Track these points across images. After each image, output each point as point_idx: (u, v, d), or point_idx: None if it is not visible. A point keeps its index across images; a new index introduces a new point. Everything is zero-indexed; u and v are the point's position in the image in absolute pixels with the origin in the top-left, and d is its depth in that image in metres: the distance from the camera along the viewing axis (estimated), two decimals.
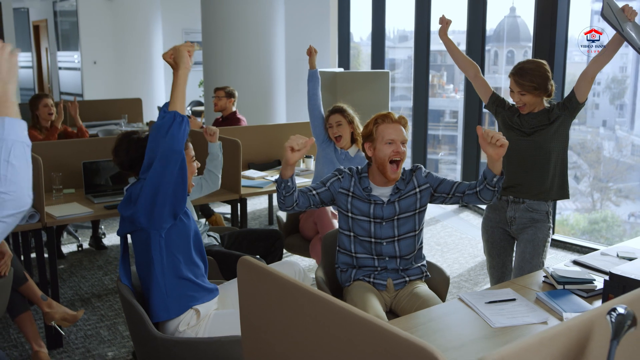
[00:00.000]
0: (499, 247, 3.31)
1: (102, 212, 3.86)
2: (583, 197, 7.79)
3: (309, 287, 1.57)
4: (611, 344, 1.25)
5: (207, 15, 7.35)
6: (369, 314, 1.41)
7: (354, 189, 2.78)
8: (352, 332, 1.43)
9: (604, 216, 7.32)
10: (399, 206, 2.77)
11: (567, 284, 2.45)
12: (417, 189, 2.79)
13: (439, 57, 9.85)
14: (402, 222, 2.77)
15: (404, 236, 2.78)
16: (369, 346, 1.40)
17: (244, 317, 1.84)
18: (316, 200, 2.77)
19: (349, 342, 1.44)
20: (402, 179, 2.79)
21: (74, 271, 4.87)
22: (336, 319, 1.47)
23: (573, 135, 8.39)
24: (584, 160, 7.93)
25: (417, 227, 2.81)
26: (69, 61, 12.80)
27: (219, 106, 5.73)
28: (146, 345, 2.39)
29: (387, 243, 2.77)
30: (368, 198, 2.76)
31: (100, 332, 3.82)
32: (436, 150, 9.86)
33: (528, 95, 3.07)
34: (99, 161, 4.30)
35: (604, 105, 7.73)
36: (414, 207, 2.78)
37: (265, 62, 7.30)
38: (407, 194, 2.78)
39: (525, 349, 1.30)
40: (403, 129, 2.79)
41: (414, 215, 2.79)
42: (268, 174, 4.92)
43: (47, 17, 13.67)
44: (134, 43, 11.33)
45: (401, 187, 2.78)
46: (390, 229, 2.77)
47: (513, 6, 8.63)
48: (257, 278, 1.75)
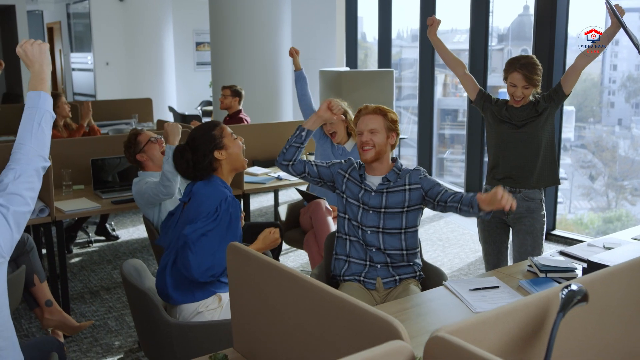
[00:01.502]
0: (495, 234, 3.43)
1: (109, 206, 4.01)
2: (598, 196, 7.78)
3: (289, 269, 1.69)
4: (557, 316, 1.35)
5: (215, 16, 7.49)
6: (343, 293, 1.52)
7: (351, 171, 2.89)
8: (326, 308, 1.54)
9: (618, 215, 7.32)
10: (386, 199, 2.81)
11: (549, 272, 2.55)
12: (407, 186, 2.81)
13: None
14: (388, 217, 2.80)
15: (389, 231, 2.80)
16: (342, 321, 1.51)
17: (233, 299, 1.96)
18: (312, 171, 2.89)
19: (323, 317, 1.55)
20: (395, 173, 2.85)
21: (84, 265, 5.02)
22: (312, 297, 1.59)
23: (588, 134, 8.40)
24: (599, 159, 7.91)
25: (403, 226, 2.80)
26: (82, 62, 13.01)
27: (225, 104, 5.86)
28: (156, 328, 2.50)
29: (371, 232, 2.80)
30: (360, 183, 2.85)
31: (107, 322, 3.96)
32: (450, 149, 9.91)
33: (530, 89, 3.20)
34: (107, 158, 4.44)
35: (620, 104, 7.73)
36: (402, 204, 2.80)
37: (272, 61, 7.42)
38: (395, 188, 2.82)
39: (483, 322, 1.40)
40: (376, 118, 2.82)
41: (401, 213, 2.80)
42: (271, 171, 5.03)
43: (61, 19, 13.90)
44: (146, 44, 11.51)
45: (391, 179, 2.83)
46: (376, 219, 2.80)
47: (527, 4, 8.68)
48: (244, 262, 1.87)
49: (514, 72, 3.18)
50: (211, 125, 2.78)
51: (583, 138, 8.30)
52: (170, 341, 2.40)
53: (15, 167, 1.87)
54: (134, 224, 6.06)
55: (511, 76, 3.19)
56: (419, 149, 8.04)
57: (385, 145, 2.83)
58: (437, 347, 1.25)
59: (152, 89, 10.92)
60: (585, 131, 8.35)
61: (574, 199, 8.32)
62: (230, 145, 2.75)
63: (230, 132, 2.81)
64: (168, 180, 3.26)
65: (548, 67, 5.23)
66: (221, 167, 2.72)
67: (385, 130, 2.82)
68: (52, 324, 3.36)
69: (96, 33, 11.94)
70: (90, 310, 4.14)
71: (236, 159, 2.76)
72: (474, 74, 6.58)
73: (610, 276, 1.68)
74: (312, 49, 9.04)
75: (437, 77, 10.57)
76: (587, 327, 1.64)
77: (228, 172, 2.77)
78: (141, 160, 3.81)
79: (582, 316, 1.62)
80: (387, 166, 2.88)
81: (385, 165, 2.87)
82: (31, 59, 1.99)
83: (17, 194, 1.84)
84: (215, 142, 2.71)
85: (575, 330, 1.61)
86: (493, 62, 7.30)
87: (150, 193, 3.37)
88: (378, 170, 2.87)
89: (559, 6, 5.25)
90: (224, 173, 2.74)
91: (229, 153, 2.73)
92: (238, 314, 1.95)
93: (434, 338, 1.26)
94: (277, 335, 1.75)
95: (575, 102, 8.51)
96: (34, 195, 1.90)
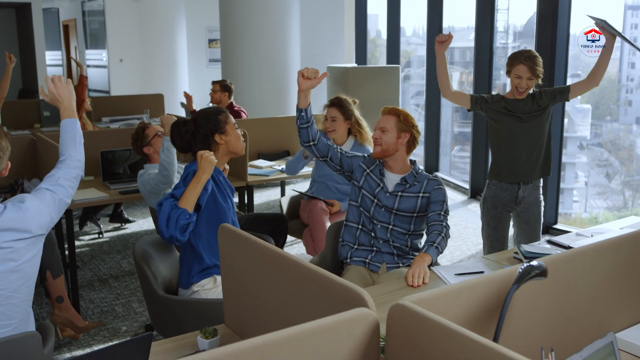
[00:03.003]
0: (504, 221, 3.61)
1: (117, 197, 4.16)
2: (614, 195, 7.77)
3: (274, 247, 1.81)
4: (511, 287, 1.46)
5: (225, 14, 7.62)
6: (318, 267, 1.63)
7: (373, 168, 3.01)
8: (304, 282, 1.66)
9: (634, 214, 7.32)
10: (399, 202, 2.93)
11: (533, 259, 2.64)
12: (421, 194, 2.93)
13: (468, 53, 9.96)
14: (397, 218, 2.93)
15: (398, 229, 2.93)
16: (318, 293, 1.63)
17: (224, 278, 2.09)
18: (336, 157, 3.02)
19: (302, 290, 1.67)
20: (413, 175, 2.97)
21: (94, 255, 5.18)
22: (292, 272, 1.71)
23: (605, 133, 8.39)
24: (615, 157, 7.90)
25: (411, 229, 2.95)
26: (97, 59, 13.22)
27: (215, 99, 6.05)
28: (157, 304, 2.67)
29: (381, 226, 2.94)
30: (380, 181, 2.97)
31: (115, 308, 4.11)
32: (464, 147, 9.96)
33: (533, 80, 3.39)
34: (116, 150, 4.59)
35: (637, 102, 7.72)
36: (412, 210, 2.93)
37: (280, 58, 7.54)
38: (409, 193, 2.93)
39: (445, 294, 1.51)
40: (389, 118, 2.95)
41: (411, 218, 2.94)
42: (276, 164, 5.15)
43: (76, 16, 14.12)
44: (159, 41, 11.68)
45: (410, 180, 2.95)
46: (387, 216, 2.94)
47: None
48: (234, 242, 1.99)
49: (519, 65, 3.35)
50: (218, 110, 2.91)
51: (600, 136, 8.28)
52: (170, 315, 2.57)
53: (63, 168, 2.31)
54: (143, 215, 6.21)
55: (516, 68, 3.37)
56: (426, 147, 8.12)
57: (395, 145, 2.93)
58: (399, 314, 1.37)
59: (165, 85, 11.09)
60: (601, 129, 8.34)
61: (589, 197, 8.32)
62: (230, 133, 2.86)
63: (234, 122, 2.93)
64: (165, 170, 3.39)
65: (550, 65, 5.29)
66: (217, 151, 2.84)
67: (396, 130, 2.92)
68: (59, 320, 3.43)
69: (110, 30, 12.13)
70: (99, 297, 4.29)
71: (234, 145, 2.87)
72: (480, 72, 6.69)
73: (575, 257, 1.78)
74: (320, 46, 9.16)
75: (453, 75, 10.64)
76: (553, 303, 1.74)
77: (222, 156, 2.88)
78: (147, 153, 3.97)
79: (549, 292, 1.73)
80: (404, 166, 2.99)
81: (401, 165, 2.98)
82: (63, 98, 2.43)
83: (63, 186, 2.27)
84: (218, 125, 2.84)
85: (541, 305, 1.72)
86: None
87: (152, 183, 3.51)
88: (395, 169, 2.98)
89: (561, 3, 5.31)
90: (218, 156, 2.86)
91: (228, 139, 2.85)
92: (228, 291, 2.07)
93: (395, 306, 1.37)
94: (263, 310, 1.87)
95: (592, 100, 8.50)
96: (73, 193, 2.33)
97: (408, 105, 11.45)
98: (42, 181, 2.28)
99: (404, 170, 2.98)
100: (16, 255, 2.10)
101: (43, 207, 2.16)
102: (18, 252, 2.10)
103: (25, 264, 2.14)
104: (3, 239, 2.06)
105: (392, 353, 1.40)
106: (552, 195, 5.54)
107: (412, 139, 2.95)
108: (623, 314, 1.95)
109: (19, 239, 2.09)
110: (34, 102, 7.97)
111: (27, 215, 2.10)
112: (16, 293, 2.14)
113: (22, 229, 2.09)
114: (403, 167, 2.98)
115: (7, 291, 2.11)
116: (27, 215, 2.10)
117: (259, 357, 1.22)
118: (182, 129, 2.82)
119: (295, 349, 1.26)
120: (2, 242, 2.06)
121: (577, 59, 7.01)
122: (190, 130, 2.81)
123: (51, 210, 2.19)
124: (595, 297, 1.84)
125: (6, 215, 2.07)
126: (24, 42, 11.97)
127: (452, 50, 10.45)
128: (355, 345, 1.35)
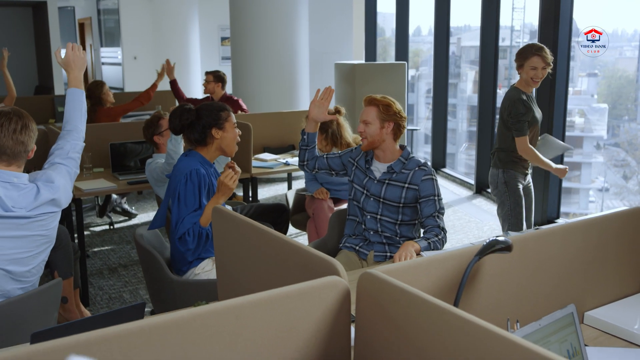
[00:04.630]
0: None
1: (125, 187, 4.31)
2: (631, 195, 7.76)
3: (260, 225, 1.92)
4: (473, 258, 1.56)
5: (235, 12, 7.75)
6: (297, 242, 1.75)
7: (359, 160, 3.06)
8: (286, 256, 1.77)
9: None
10: (385, 191, 2.94)
11: None
12: (406, 184, 2.92)
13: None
14: (386, 207, 2.95)
15: (386, 218, 2.96)
16: (296, 264, 1.74)
17: (217, 257, 2.20)
18: (322, 164, 3.12)
19: (285, 263, 1.78)
20: (401, 162, 2.96)
21: (105, 245, 5.34)
22: (274, 246, 1.82)
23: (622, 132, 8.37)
24: (632, 157, 7.93)
25: (399, 219, 2.95)
26: (111, 57, 13.44)
27: (208, 89, 6.27)
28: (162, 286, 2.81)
29: (370, 217, 2.98)
30: (366, 171, 3.02)
31: (123, 295, 4.25)
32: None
33: (546, 69, 3.65)
34: (125, 143, 4.74)
35: None
36: (398, 200, 2.92)
37: (289, 56, 7.64)
38: (395, 182, 2.94)
39: (415, 266, 1.62)
40: (370, 110, 2.94)
41: (398, 207, 2.94)
42: (281, 157, 5.27)
43: (92, 15, 14.35)
44: (172, 39, 11.85)
45: (396, 169, 2.95)
46: (375, 206, 2.97)
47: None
48: (226, 222, 2.11)
49: (533, 57, 3.62)
50: (222, 106, 3.04)
51: (617, 136, 8.28)
52: (174, 297, 2.69)
53: (71, 140, 2.59)
54: (153, 208, 6.36)
55: (530, 61, 3.63)
56: (433, 144, 8.19)
57: (380, 135, 2.92)
58: (368, 282, 1.48)
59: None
60: (619, 129, 8.33)
61: (606, 198, 8.32)
62: (228, 130, 2.99)
63: (234, 122, 3.05)
64: (171, 159, 3.53)
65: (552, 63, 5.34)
66: (211, 145, 2.96)
67: (378, 120, 2.91)
68: (61, 320, 3.46)
69: (125, 28, 12.33)
70: (108, 284, 4.44)
71: (228, 143, 2.99)
72: (485, 71, 6.75)
73: (544, 236, 1.88)
74: (329, 43, 9.26)
75: (468, 74, 10.69)
76: (522, 279, 1.84)
77: (214, 151, 3.00)
78: (157, 142, 4.11)
79: (518, 269, 1.83)
80: (393, 154, 2.99)
81: (389, 153, 2.98)
82: (76, 65, 2.62)
83: (73, 159, 2.58)
84: (218, 121, 2.96)
85: (511, 281, 1.82)
86: None
87: (158, 171, 3.66)
88: (383, 158, 2.99)
89: (563, 3, 5.36)
90: (210, 150, 2.97)
91: (224, 136, 2.97)
92: (221, 269, 2.19)
93: (365, 274, 1.48)
94: (249, 283, 1.98)
95: (609, 99, 8.49)
96: (79, 164, 2.64)
97: (421, 104, 11.52)
98: (52, 153, 2.57)
99: (393, 158, 2.98)
100: (47, 223, 2.48)
101: (67, 183, 2.53)
102: (49, 221, 2.49)
103: (52, 230, 2.53)
104: (41, 211, 2.42)
105: (361, 319, 1.50)
106: (554, 192, 5.61)
107: (396, 127, 2.94)
108: (593, 295, 2.04)
109: (53, 212, 2.48)
110: (49, 98, 8.16)
111: (59, 193, 2.47)
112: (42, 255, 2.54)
113: (56, 204, 2.48)
114: (392, 155, 2.99)
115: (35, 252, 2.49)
116: (59, 194, 2.47)
117: (234, 317, 1.33)
118: (184, 114, 2.94)
119: (268, 311, 1.37)
120: (41, 214, 2.43)
121: (595, 57, 7.05)
122: (190, 119, 2.93)
123: (70, 184, 2.57)
124: (565, 277, 1.93)
125: (43, 195, 2.42)
126: (40, 39, 12.20)
127: (467, 49, 10.52)
128: (327, 310, 1.45)
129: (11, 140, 2.37)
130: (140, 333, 1.23)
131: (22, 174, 2.42)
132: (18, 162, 2.43)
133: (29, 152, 2.45)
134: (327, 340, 1.47)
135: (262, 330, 1.37)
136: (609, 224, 2.04)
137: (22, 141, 2.39)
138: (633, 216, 2.11)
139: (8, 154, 2.39)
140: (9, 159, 2.40)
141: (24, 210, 2.38)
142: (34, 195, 2.40)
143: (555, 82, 5.30)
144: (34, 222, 2.43)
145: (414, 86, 11.67)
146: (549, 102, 5.36)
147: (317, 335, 1.45)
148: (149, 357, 1.24)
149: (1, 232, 2.36)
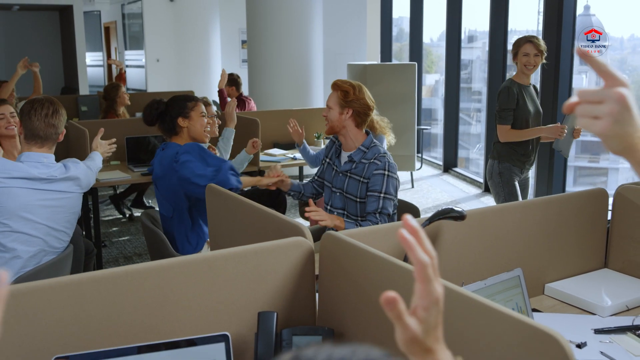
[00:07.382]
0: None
1: (138, 178, 4.55)
2: None
3: (247, 200, 2.12)
4: (423, 223, 1.74)
5: (251, 15, 8.00)
6: (274, 211, 1.95)
7: (331, 155, 2.96)
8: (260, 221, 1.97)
9: None
10: (347, 184, 2.81)
11: None
12: (362, 178, 2.77)
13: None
14: (348, 203, 2.82)
15: (351, 214, 2.83)
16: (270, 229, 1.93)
17: (211, 232, 2.41)
18: (309, 189, 3.05)
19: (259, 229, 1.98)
20: (361, 151, 2.80)
21: (122, 235, 5.59)
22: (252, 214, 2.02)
23: None
24: None
25: (359, 213, 2.81)
26: (135, 59, 13.80)
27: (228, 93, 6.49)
28: None
29: (337, 214, 2.83)
30: (333, 163, 2.91)
31: None
32: None
33: (539, 57, 3.76)
34: (140, 137, 4.99)
35: None
36: (356, 194, 2.78)
37: (303, 57, 7.85)
38: (355, 174, 2.79)
39: (375, 231, 1.81)
40: (332, 94, 2.83)
41: (356, 203, 2.80)
42: (289, 153, 5.49)
43: (117, 19, 14.75)
44: (194, 42, 12.16)
45: (356, 158, 2.79)
46: (341, 200, 2.85)
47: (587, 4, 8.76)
48: (219, 199, 2.31)
49: (525, 44, 3.74)
50: (190, 97, 3.24)
51: None
52: None
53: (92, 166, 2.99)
54: None
55: (523, 47, 3.75)
56: (445, 148, 8.33)
57: (339, 121, 2.79)
58: (329, 242, 1.67)
59: (199, 84, 11.54)
60: None
61: None
62: (194, 119, 3.12)
63: (202, 111, 3.17)
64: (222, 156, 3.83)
65: (554, 62, 5.47)
66: (182, 133, 3.13)
67: (338, 106, 2.78)
68: None
69: (148, 32, 12.67)
70: None
71: (196, 131, 3.14)
72: (494, 73, 6.88)
73: (504, 210, 2.05)
74: (343, 44, 9.47)
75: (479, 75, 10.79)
76: (482, 251, 2.01)
77: (186, 139, 3.15)
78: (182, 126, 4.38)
79: (479, 242, 2.00)
80: (355, 142, 2.83)
81: (351, 141, 2.83)
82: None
83: (92, 170, 2.96)
84: (184, 110, 3.12)
85: (471, 252, 1.99)
86: None
87: None
88: (346, 146, 2.87)
89: (566, 4, 5.50)
90: (182, 139, 3.14)
91: (191, 124, 3.12)
92: (213, 241, 2.40)
93: (326, 234, 1.67)
94: None
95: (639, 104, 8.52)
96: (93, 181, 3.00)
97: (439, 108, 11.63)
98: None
99: (355, 147, 2.82)
100: (70, 202, 2.76)
101: (89, 172, 2.88)
102: (70, 199, 2.75)
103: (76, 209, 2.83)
104: (67, 185, 2.72)
105: (324, 276, 1.70)
106: (556, 190, 5.72)
107: (356, 114, 2.78)
108: (555, 269, 2.20)
109: (75, 192, 2.77)
110: (73, 97, 8.48)
111: (82, 174, 2.80)
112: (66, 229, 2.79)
113: (79, 185, 2.79)
114: (353, 144, 2.83)
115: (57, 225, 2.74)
116: (82, 174, 2.80)
117: (207, 266, 1.53)
118: (154, 105, 3.16)
119: (239, 264, 1.57)
120: (66, 188, 2.72)
121: (624, 62, 7.16)
122: (160, 109, 3.14)
123: (91, 172, 2.92)
124: (524, 250, 2.10)
125: (72, 170, 2.74)
126: (66, 43, 12.60)
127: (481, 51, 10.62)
128: (292, 267, 1.65)
129: (43, 123, 2.68)
130: (125, 276, 1.44)
131: (50, 155, 2.73)
132: (49, 143, 2.73)
133: (59, 135, 2.75)
134: (294, 292, 1.66)
135: (233, 280, 1.57)
136: (569, 202, 2.20)
137: (53, 124, 2.70)
138: (595, 196, 2.26)
139: (41, 136, 2.68)
140: (42, 141, 2.69)
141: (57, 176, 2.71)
142: (64, 170, 2.72)
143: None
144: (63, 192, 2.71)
145: (437, 91, 11.78)
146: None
147: (284, 288, 1.65)
148: (133, 296, 1.45)
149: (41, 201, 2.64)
